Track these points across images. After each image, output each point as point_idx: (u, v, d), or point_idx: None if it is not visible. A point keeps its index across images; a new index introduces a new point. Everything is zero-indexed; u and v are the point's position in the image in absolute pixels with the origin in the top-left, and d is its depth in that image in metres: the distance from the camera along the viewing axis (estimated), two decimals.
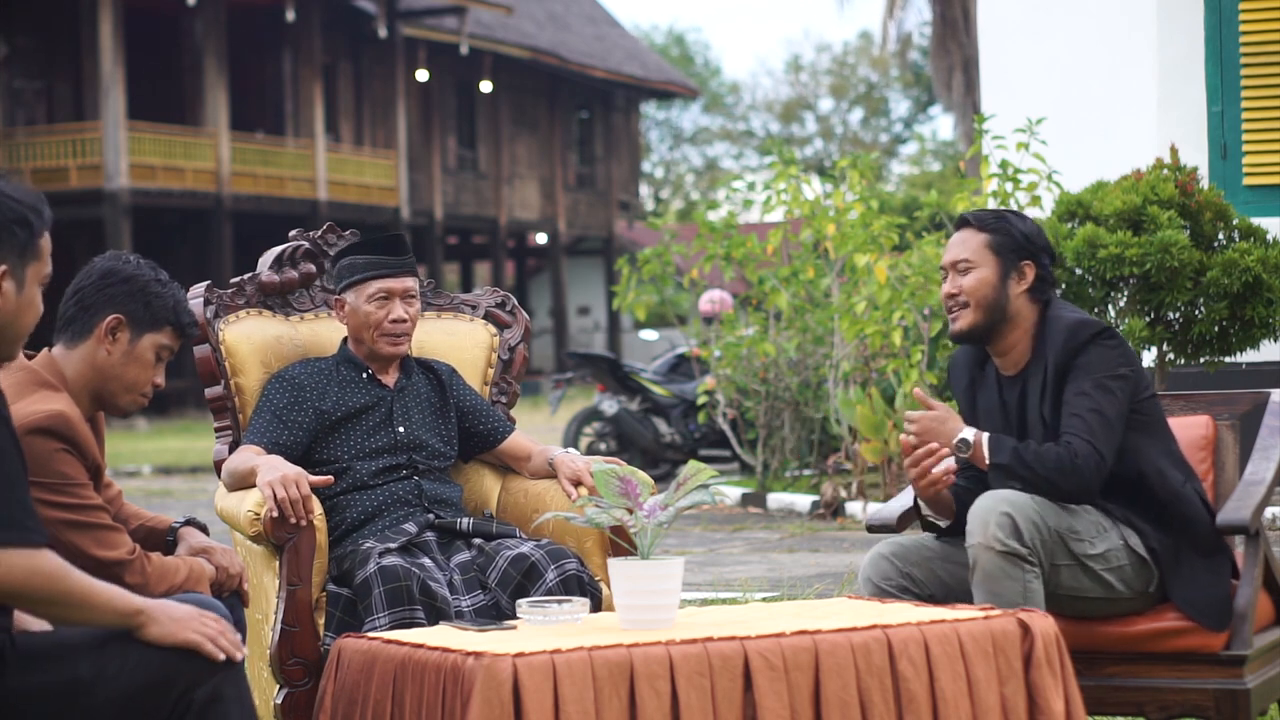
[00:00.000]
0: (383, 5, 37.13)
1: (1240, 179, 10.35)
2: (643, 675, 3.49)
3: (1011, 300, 4.48)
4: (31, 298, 3.30)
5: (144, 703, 3.27)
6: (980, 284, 4.49)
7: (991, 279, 4.49)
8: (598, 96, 47.22)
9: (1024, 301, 4.50)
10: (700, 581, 8.94)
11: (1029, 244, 4.50)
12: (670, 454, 15.06)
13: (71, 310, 3.90)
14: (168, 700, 3.28)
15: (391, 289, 4.78)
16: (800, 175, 12.85)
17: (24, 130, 33.42)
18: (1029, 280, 4.49)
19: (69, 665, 3.24)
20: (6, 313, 3.26)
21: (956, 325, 4.53)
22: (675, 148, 65.16)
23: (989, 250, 4.50)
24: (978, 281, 4.49)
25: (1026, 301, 4.50)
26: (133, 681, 3.26)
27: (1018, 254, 4.49)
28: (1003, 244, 4.50)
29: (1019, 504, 4.22)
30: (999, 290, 4.48)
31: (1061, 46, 10.88)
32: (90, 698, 3.24)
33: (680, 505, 3.79)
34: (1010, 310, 4.49)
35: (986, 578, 4.19)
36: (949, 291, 4.54)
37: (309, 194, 35.60)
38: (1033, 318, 4.51)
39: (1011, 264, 4.49)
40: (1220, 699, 4.28)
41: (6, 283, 3.25)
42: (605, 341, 44.85)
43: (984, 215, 4.57)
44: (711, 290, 14.78)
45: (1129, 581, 4.33)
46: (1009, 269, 4.49)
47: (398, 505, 4.70)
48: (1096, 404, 4.32)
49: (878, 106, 61.35)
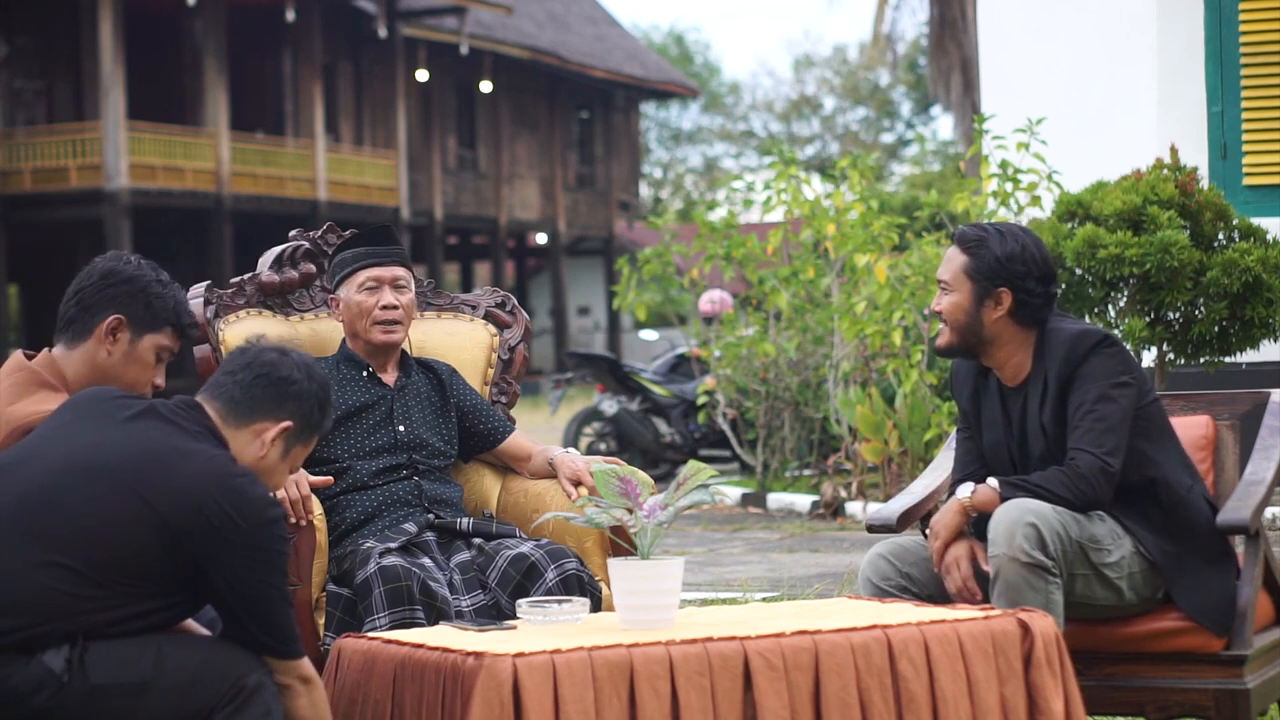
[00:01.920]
0: (383, 5, 37.13)
1: (1240, 179, 10.35)
2: (643, 675, 3.49)
3: (987, 326, 4.42)
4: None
5: (200, 692, 3.43)
6: (954, 308, 4.45)
7: (964, 304, 4.43)
8: (598, 96, 47.21)
9: (1005, 325, 4.43)
10: (700, 581, 8.94)
11: (1004, 269, 4.39)
12: (670, 454, 15.06)
13: (72, 310, 3.90)
14: (222, 688, 3.44)
15: (380, 277, 4.79)
16: (800, 175, 12.85)
17: (24, 130, 33.41)
18: (1005, 306, 4.41)
19: (136, 666, 3.39)
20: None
21: (937, 341, 4.53)
22: (673, 149, 65.14)
23: (964, 274, 4.44)
24: (951, 305, 4.45)
25: (1009, 325, 4.43)
26: (188, 676, 3.42)
27: (992, 280, 4.40)
28: (978, 269, 4.42)
29: (1044, 514, 4.20)
30: (972, 315, 4.42)
31: (1061, 46, 10.88)
32: (154, 694, 3.40)
33: (680, 505, 3.79)
34: (987, 334, 4.43)
35: (1009, 589, 4.17)
36: (934, 308, 4.53)
37: (309, 194, 35.60)
38: (1024, 337, 4.44)
39: (985, 290, 4.41)
40: (1220, 699, 4.28)
41: (281, 441, 3.58)
42: (605, 341, 44.84)
43: (968, 235, 4.48)
44: (711, 290, 14.77)
45: (1138, 589, 4.33)
46: (983, 296, 4.41)
47: (398, 505, 4.70)
48: (1099, 414, 4.31)
49: (883, 107, 61.34)
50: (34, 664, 3.33)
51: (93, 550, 3.38)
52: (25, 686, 3.32)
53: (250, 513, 3.43)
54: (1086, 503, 4.28)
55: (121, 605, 3.40)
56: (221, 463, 3.48)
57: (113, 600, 3.39)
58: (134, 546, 3.39)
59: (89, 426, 3.52)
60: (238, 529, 3.42)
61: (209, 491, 3.42)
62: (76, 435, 3.51)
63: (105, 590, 3.38)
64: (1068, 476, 4.28)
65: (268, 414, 3.59)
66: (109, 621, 3.39)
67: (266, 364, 3.60)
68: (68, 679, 3.34)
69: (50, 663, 3.33)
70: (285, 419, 3.60)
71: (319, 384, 3.65)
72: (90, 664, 3.36)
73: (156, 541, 3.40)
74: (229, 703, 3.43)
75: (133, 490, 3.41)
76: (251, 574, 3.44)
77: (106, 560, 3.38)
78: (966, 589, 4.30)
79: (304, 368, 3.64)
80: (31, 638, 3.34)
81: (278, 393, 3.59)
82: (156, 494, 3.41)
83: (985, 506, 4.34)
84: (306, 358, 3.67)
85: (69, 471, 3.44)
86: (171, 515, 3.40)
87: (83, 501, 3.40)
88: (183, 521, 3.40)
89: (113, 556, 3.39)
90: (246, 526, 3.42)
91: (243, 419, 3.58)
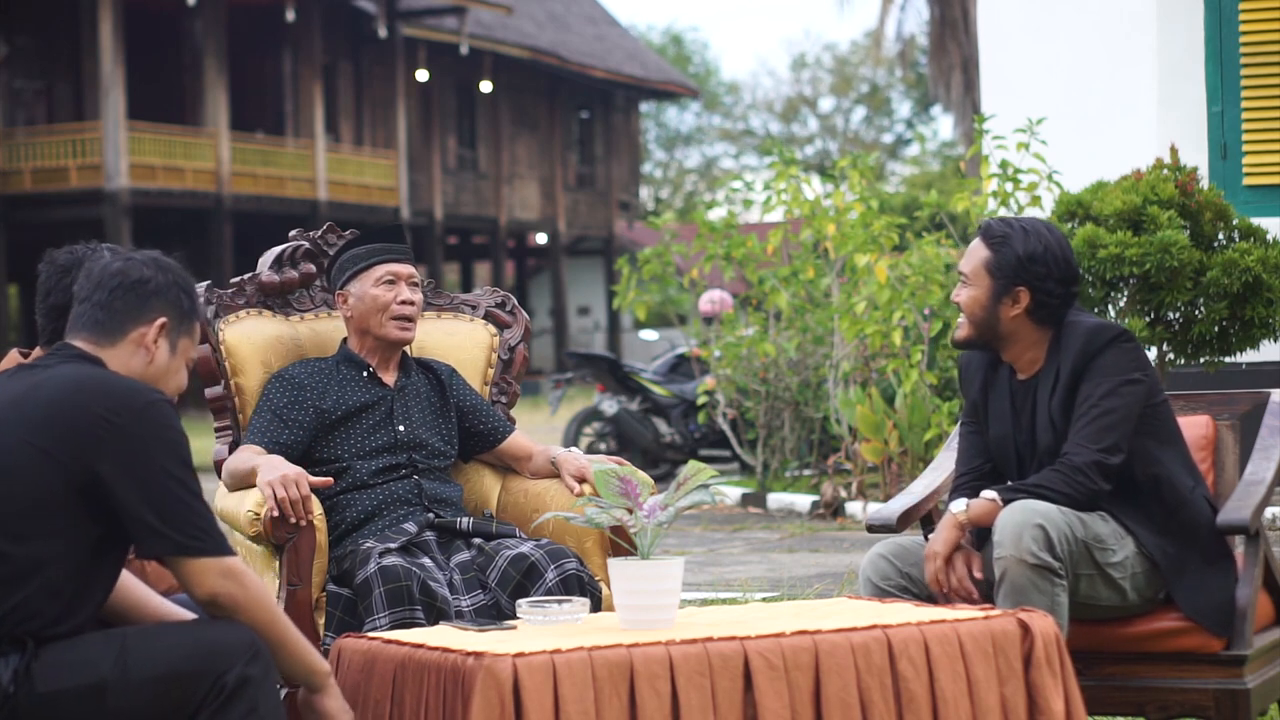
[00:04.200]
0: (383, 5, 37.13)
1: (1240, 179, 10.35)
2: (643, 675, 3.49)
3: (1004, 322, 4.41)
4: (179, 366, 3.49)
5: (175, 691, 3.32)
6: (972, 303, 4.44)
7: (983, 300, 4.42)
8: (598, 96, 47.21)
9: (1022, 323, 4.42)
10: (700, 581, 8.94)
11: (1025, 269, 4.38)
12: (670, 454, 15.06)
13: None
14: (199, 690, 3.33)
15: (398, 273, 4.80)
16: (800, 175, 12.85)
17: (24, 130, 33.42)
18: (1023, 305, 4.40)
19: (92, 669, 3.28)
20: (159, 367, 3.46)
21: (955, 334, 4.53)
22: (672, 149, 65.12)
23: (985, 270, 4.42)
24: (970, 300, 4.45)
25: (1026, 323, 4.42)
26: (157, 672, 3.31)
27: (1012, 279, 4.39)
28: (999, 266, 4.40)
29: (1050, 515, 4.19)
30: (989, 311, 4.42)
31: (1061, 46, 10.88)
32: (116, 698, 3.28)
33: (680, 505, 3.79)
34: (1003, 330, 4.43)
35: (1015, 590, 4.16)
36: (954, 298, 4.52)
37: (309, 194, 35.60)
38: (1041, 334, 4.43)
39: (1004, 288, 4.40)
40: (1220, 699, 4.28)
41: (163, 339, 3.46)
42: (605, 341, 44.84)
43: (994, 230, 4.46)
44: (711, 290, 14.77)
45: (1140, 589, 4.33)
46: (1001, 293, 4.40)
47: (397, 504, 4.70)
48: (1103, 409, 4.30)
49: (880, 106, 61.34)
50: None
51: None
52: None
53: (121, 404, 3.33)
54: (1086, 497, 4.27)
55: (41, 552, 3.29)
56: (81, 373, 3.38)
57: (30, 551, 3.29)
58: (31, 489, 3.30)
59: None
60: (115, 424, 3.31)
61: (75, 401, 3.32)
62: None
63: (19, 543, 3.29)
64: (1063, 473, 4.28)
65: (138, 320, 3.50)
66: (31, 571, 3.28)
67: (115, 274, 3.51)
68: (14, 689, 3.24)
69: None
70: (157, 317, 3.50)
71: (174, 272, 3.54)
72: (37, 672, 3.26)
73: (46, 473, 3.30)
74: (210, 703, 3.32)
75: (12, 434, 3.32)
76: (143, 466, 3.31)
77: (10, 511, 3.29)
78: (964, 588, 4.29)
79: (152, 263, 3.53)
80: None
81: (138, 296, 3.50)
82: (29, 428, 3.32)
83: (981, 520, 4.32)
84: (150, 254, 3.56)
85: None
86: (50, 441, 3.31)
87: None
88: (63, 442, 3.30)
89: (14, 506, 3.30)
90: (123, 419, 3.32)
91: (115, 335, 3.49)
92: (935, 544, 4.33)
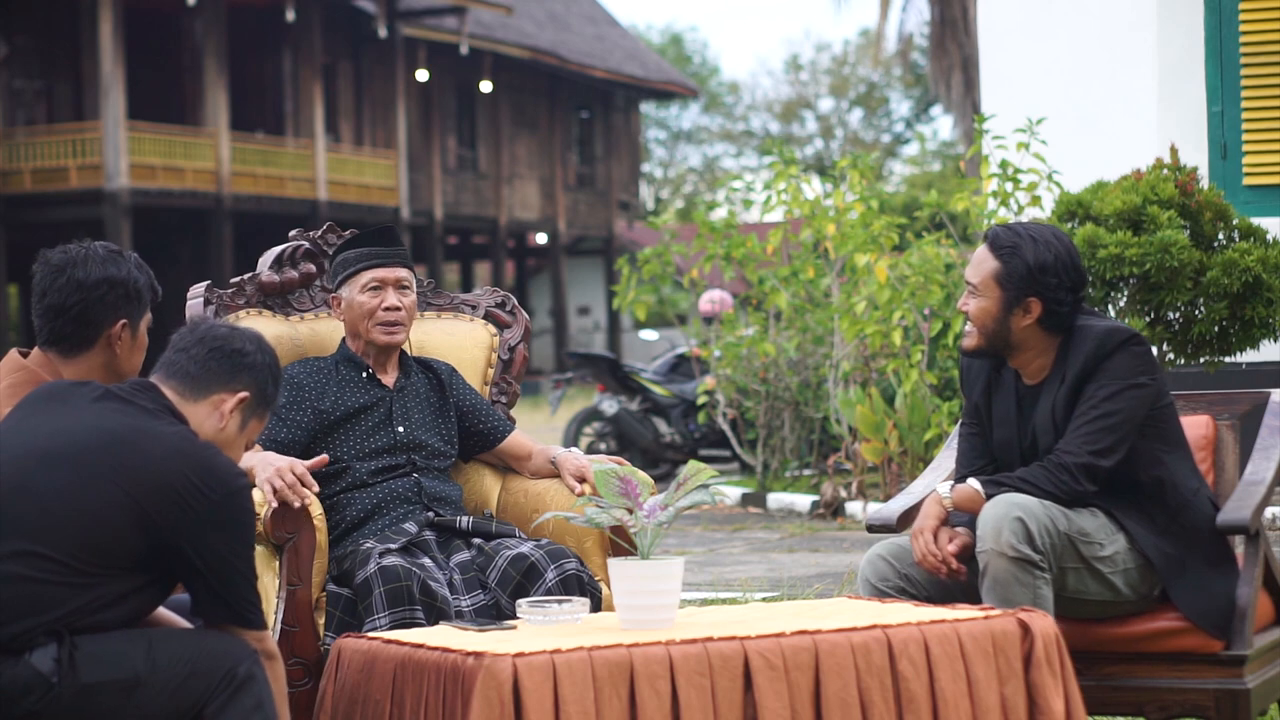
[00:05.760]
0: (383, 5, 37.13)
1: (1240, 179, 10.35)
2: (643, 675, 3.49)
3: (1015, 332, 4.39)
4: (242, 443, 3.68)
5: (194, 686, 3.46)
6: (982, 313, 4.41)
7: (993, 310, 4.40)
8: (598, 96, 47.21)
9: (1033, 332, 4.40)
10: (700, 581, 8.94)
11: (1036, 280, 4.34)
12: (670, 454, 15.06)
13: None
14: (214, 680, 3.47)
15: (384, 278, 4.79)
16: (800, 175, 12.85)
17: (24, 130, 33.41)
18: (1034, 315, 4.37)
19: (129, 663, 3.42)
20: (227, 436, 3.63)
21: (964, 343, 4.50)
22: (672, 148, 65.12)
23: (994, 281, 4.39)
24: (979, 310, 4.42)
25: (1036, 332, 4.40)
26: (181, 670, 3.45)
27: (1023, 289, 4.36)
28: (1009, 276, 4.37)
29: (1030, 509, 4.20)
30: (1000, 323, 4.39)
31: (1061, 46, 10.88)
32: (146, 690, 3.42)
33: (680, 505, 3.79)
34: (1014, 339, 4.40)
35: (997, 584, 4.17)
36: (961, 308, 4.50)
37: (309, 194, 35.60)
38: (1051, 341, 4.42)
39: (1015, 299, 4.37)
40: (1220, 699, 4.28)
41: (239, 412, 3.65)
42: (605, 341, 44.84)
43: (1002, 238, 4.41)
44: (711, 290, 14.78)
45: (1133, 585, 4.33)
46: (1012, 304, 4.37)
47: (397, 503, 4.70)
48: (1104, 411, 4.29)
49: (879, 106, 61.33)
50: (21, 666, 3.33)
51: (64, 536, 3.39)
52: (13, 689, 3.32)
53: (218, 483, 3.48)
54: (1069, 497, 4.28)
55: (95, 588, 3.41)
56: (185, 438, 3.52)
57: (87, 585, 3.40)
58: (105, 528, 3.41)
59: (51, 414, 3.54)
60: (207, 501, 3.46)
61: (176, 467, 3.46)
62: (40, 424, 3.52)
63: (79, 575, 3.40)
64: (1049, 471, 4.28)
65: (224, 386, 3.64)
66: (85, 607, 3.40)
67: (219, 338, 3.66)
68: (57, 680, 3.34)
69: (38, 664, 3.33)
70: (241, 390, 3.65)
71: (270, 356, 3.70)
72: (80, 663, 3.37)
73: (127, 522, 3.42)
74: (220, 693, 3.46)
75: (100, 473, 3.43)
76: (222, 544, 3.48)
77: (78, 544, 3.40)
78: (949, 565, 4.30)
79: (254, 340, 3.69)
80: (15, 635, 3.33)
81: (232, 365, 3.64)
82: (124, 475, 3.43)
83: (965, 505, 4.34)
84: (254, 332, 3.72)
85: (34, 459, 3.45)
86: (141, 494, 3.43)
87: (50, 488, 3.42)
88: (153, 499, 3.43)
89: (85, 540, 3.40)
90: (216, 497, 3.47)
91: (200, 393, 3.63)
92: (920, 521, 4.37)
